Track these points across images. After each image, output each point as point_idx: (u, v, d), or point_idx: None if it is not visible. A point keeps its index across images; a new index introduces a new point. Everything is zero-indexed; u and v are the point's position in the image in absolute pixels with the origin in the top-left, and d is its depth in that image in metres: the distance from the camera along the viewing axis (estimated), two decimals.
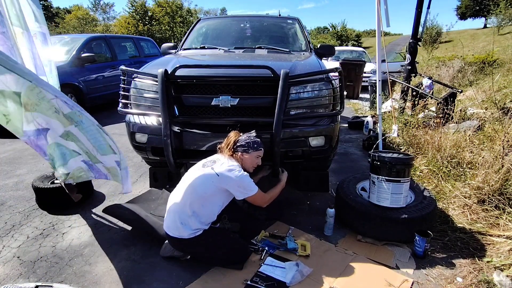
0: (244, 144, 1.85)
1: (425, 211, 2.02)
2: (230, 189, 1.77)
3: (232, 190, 1.78)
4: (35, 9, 2.13)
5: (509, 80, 6.37)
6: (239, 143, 1.86)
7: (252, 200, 1.86)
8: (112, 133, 4.68)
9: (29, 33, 2.03)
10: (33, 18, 2.10)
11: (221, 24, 4.04)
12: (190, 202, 1.73)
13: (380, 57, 3.14)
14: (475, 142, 3.13)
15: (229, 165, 1.78)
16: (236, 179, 1.75)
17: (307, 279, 1.72)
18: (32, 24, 2.09)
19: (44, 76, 2.19)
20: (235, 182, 1.75)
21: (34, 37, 2.09)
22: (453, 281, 1.74)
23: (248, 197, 1.82)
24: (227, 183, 1.75)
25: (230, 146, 1.87)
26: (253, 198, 1.84)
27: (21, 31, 1.96)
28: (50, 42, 2.32)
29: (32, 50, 2.06)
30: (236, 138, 1.88)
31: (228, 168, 1.76)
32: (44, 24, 2.23)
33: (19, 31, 1.95)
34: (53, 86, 1.79)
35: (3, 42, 1.70)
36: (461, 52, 10.81)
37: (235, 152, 1.86)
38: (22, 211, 2.44)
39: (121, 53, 6.90)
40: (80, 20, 25.62)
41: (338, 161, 3.55)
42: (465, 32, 28.23)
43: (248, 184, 1.80)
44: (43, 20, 2.22)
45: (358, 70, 7.04)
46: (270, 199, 1.96)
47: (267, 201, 1.94)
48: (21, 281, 1.72)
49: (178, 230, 1.74)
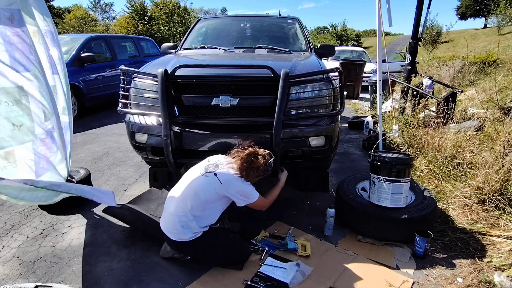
0: (261, 170, 1.81)
1: (425, 211, 2.02)
2: (232, 197, 1.78)
3: (234, 198, 1.78)
4: (41, 8, 2.12)
5: (509, 80, 6.37)
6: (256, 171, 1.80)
7: (253, 206, 1.86)
8: (112, 133, 4.69)
9: (41, 32, 2.02)
10: (41, 17, 2.10)
11: (221, 24, 4.04)
12: (191, 207, 1.73)
13: (381, 57, 3.14)
14: (476, 142, 3.13)
15: (234, 174, 1.78)
16: (239, 189, 1.76)
17: (307, 279, 1.72)
18: (41, 23, 2.08)
19: (57, 74, 2.19)
20: (238, 191, 1.76)
21: (45, 35, 2.09)
22: (453, 281, 1.74)
23: (249, 204, 1.82)
24: (229, 192, 1.76)
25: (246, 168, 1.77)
26: (254, 205, 1.84)
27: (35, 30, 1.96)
28: (58, 41, 2.31)
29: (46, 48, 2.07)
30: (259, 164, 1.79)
31: (232, 177, 1.76)
32: (51, 23, 2.23)
33: (34, 29, 1.94)
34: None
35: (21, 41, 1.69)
36: (461, 52, 10.82)
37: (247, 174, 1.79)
38: (21, 211, 2.44)
39: (121, 53, 6.89)
40: (80, 20, 25.62)
41: (338, 161, 3.54)
42: (465, 32, 28.23)
43: (250, 192, 1.80)
44: (50, 19, 2.22)
45: (358, 70, 7.04)
46: (270, 202, 1.96)
47: (267, 205, 1.94)
48: (20, 281, 1.72)
49: (179, 234, 1.73)
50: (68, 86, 2.42)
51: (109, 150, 3.92)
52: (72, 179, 2.51)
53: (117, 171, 3.25)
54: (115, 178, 3.10)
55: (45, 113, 1.89)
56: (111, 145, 4.12)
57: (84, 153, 3.80)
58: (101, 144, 4.16)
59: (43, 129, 1.90)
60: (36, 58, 1.78)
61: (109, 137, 4.48)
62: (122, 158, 3.61)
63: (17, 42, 1.67)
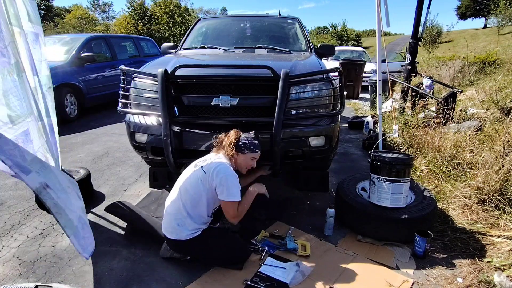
0: (241, 145, 1.81)
1: (425, 211, 2.02)
2: (215, 186, 1.68)
3: (216, 187, 1.68)
4: (30, 9, 2.11)
5: (509, 80, 6.37)
6: (235, 142, 1.81)
7: (224, 208, 1.75)
8: (112, 133, 4.68)
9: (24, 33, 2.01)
10: (26, 18, 2.09)
11: (221, 24, 4.03)
12: (183, 203, 1.73)
13: (380, 57, 3.14)
14: (476, 142, 3.13)
15: (218, 161, 1.75)
16: (221, 176, 1.68)
17: (307, 279, 1.72)
18: (25, 24, 2.07)
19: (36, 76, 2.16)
20: (220, 179, 1.67)
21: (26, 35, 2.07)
22: (453, 281, 1.74)
23: (224, 202, 1.71)
24: (213, 179, 1.68)
25: (225, 144, 1.82)
26: (226, 205, 1.72)
27: (18, 31, 1.95)
28: (43, 43, 2.29)
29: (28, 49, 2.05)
30: (235, 137, 1.83)
31: (216, 164, 1.72)
32: (38, 24, 2.22)
33: (17, 30, 1.93)
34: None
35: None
36: (461, 52, 10.81)
37: (229, 150, 1.80)
38: (21, 211, 2.44)
39: (121, 52, 6.89)
40: (80, 20, 25.62)
41: (338, 161, 3.54)
42: (465, 32, 28.25)
43: (232, 186, 1.68)
44: (37, 21, 2.21)
45: (358, 70, 7.04)
46: (239, 216, 1.78)
47: (236, 217, 1.77)
48: (20, 281, 1.71)
49: (176, 232, 1.73)
50: (50, 88, 2.38)
51: (109, 150, 3.92)
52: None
53: (117, 171, 3.25)
54: (115, 178, 3.10)
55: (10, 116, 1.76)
56: (111, 145, 4.12)
57: (84, 153, 3.80)
58: (101, 144, 4.16)
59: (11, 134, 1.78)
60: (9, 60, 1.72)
61: (109, 137, 4.48)
62: (122, 158, 3.61)
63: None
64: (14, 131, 1.78)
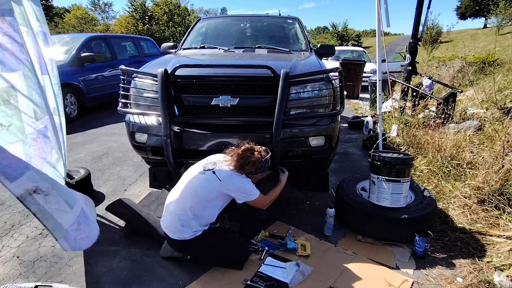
0: (256, 168, 1.81)
1: (425, 211, 2.02)
2: (231, 193, 1.78)
3: (234, 194, 1.78)
4: (35, 9, 2.12)
5: (509, 80, 6.37)
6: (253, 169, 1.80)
7: (253, 204, 1.86)
8: (112, 132, 4.68)
9: (33, 32, 2.02)
10: (34, 17, 2.10)
11: (221, 23, 4.04)
12: (191, 205, 1.73)
13: (380, 57, 3.14)
14: (475, 142, 3.13)
15: (231, 170, 1.78)
16: (239, 185, 1.76)
17: (307, 279, 1.72)
18: (34, 23, 2.08)
19: (47, 75, 2.18)
20: (238, 188, 1.76)
21: (37, 36, 2.08)
22: (453, 281, 1.74)
23: (249, 201, 1.82)
24: (229, 189, 1.76)
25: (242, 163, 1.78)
26: (254, 202, 1.84)
27: (26, 30, 1.95)
28: (51, 42, 2.31)
29: (37, 49, 2.06)
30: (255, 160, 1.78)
31: (231, 174, 1.77)
32: (44, 24, 2.22)
33: (24, 30, 1.94)
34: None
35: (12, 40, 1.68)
36: (461, 52, 10.81)
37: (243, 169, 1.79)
38: (21, 211, 2.44)
39: (121, 52, 6.89)
40: (80, 20, 25.61)
41: (338, 161, 3.54)
42: (465, 32, 28.25)
43: (250, 189, 1.79)
44: (43, 20, 2.21)
45: (358, 70, 7.02)
46: (270, 201, 1.95)
47: (267, 204, 1.93)
48: (20, 281, 1.72)
49: (179, 232, 1.73)
50: (59, 87, 2.40)
51: (109, 150, 3.92)
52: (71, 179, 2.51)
53: (117, 171, 3.25)
54: (115, 178, 3.10)
55: (36, 112, 1.86)
56: (111, 145, 4.12)
57: (84, 153, 3.80)
58: (101, 144, 4.16)
59: (34, 129, 1.86)
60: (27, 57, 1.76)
61: (109, 137, 4.48)
62: (122, 158, 3.61)
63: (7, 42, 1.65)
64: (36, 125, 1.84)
